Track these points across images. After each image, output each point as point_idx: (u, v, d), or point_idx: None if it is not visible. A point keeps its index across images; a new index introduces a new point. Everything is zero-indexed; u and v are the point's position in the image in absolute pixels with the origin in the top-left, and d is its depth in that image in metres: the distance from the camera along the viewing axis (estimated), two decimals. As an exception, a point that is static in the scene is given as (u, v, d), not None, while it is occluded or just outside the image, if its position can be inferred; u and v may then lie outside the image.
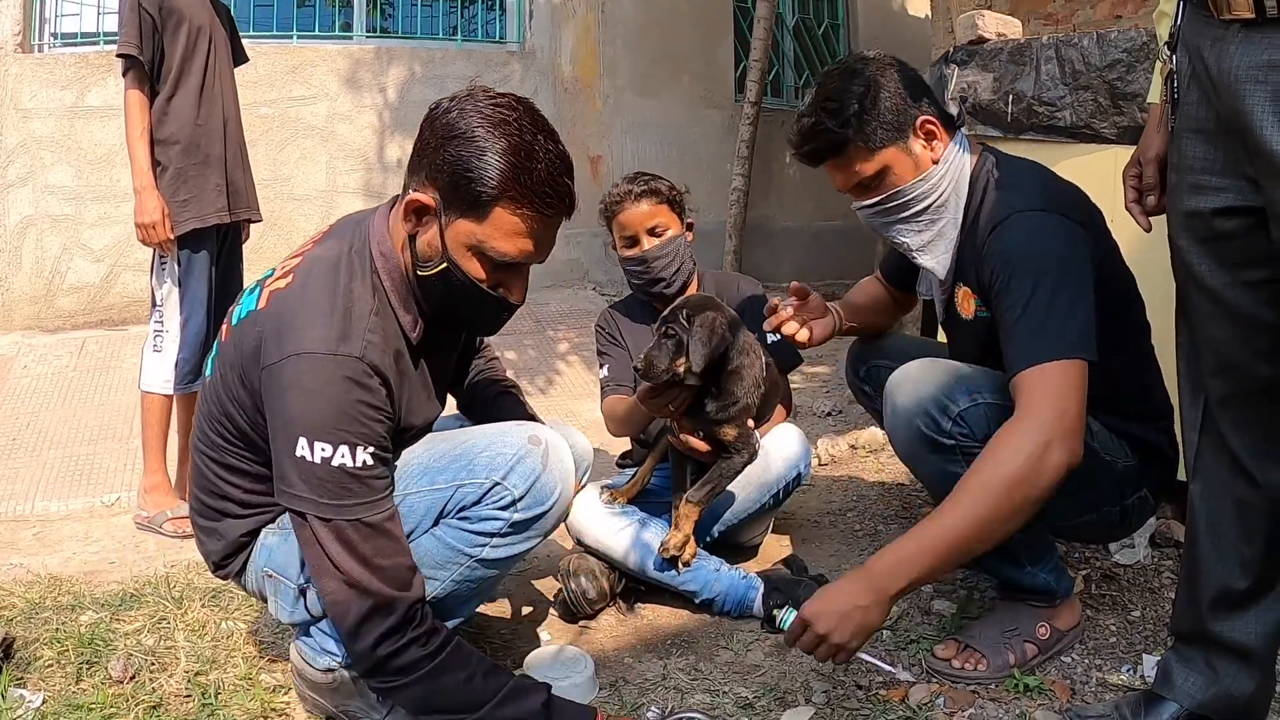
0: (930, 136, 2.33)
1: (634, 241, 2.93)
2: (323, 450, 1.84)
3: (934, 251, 2.40)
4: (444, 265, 1.95)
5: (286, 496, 1.90)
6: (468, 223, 1.90)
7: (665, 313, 2.54)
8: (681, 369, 2.48)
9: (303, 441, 1.85)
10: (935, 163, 2.33)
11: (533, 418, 2.51)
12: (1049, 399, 2.05)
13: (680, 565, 2.67)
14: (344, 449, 1.85)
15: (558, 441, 2.15)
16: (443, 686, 1.91)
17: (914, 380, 2.34)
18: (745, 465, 2.65)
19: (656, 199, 2.93)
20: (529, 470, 2.06)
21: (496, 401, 2.55)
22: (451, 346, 2.34)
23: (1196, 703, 1.96)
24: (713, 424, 2.59)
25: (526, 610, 2.85)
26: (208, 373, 2.17)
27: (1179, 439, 2.19)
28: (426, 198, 1.92)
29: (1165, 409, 2.44)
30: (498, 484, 2.05)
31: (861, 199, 2.39)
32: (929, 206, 2.35)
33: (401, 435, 2.11)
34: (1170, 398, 2.37)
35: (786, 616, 2.15)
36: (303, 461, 1.85)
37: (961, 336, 2.52)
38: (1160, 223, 1.97)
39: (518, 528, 2.09)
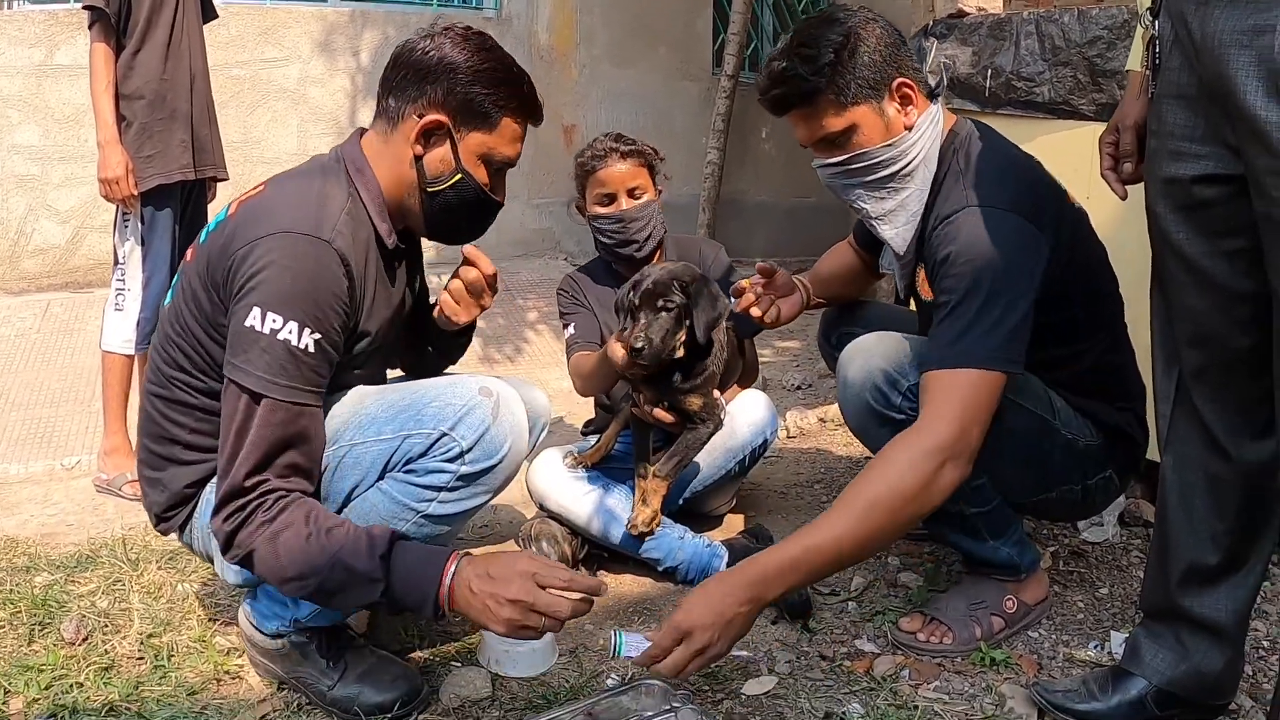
0: (906, 101, 2.23)
1: (611, 199, 2.88)
2: (273, 322, 1.89)
3: (894, 222, 2.30)
4: (458, 176, 2.11)
5: (229, 367, 1.92)
6: (480, 134, 2.11)
7: (649, 285, 2.46)
8: (681, 342, 2.46)
9: (256, 311, 1.89)
10: (908, 129, 2.23)
11: None
12: (953, 414, 1.99)
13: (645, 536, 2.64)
14: (293, 325, 1.89)
15: (510, 394, 2.12)
16: (283, 547, 1.86)
17: (865, 353, 2.30)
18: (711, 435, 2.63)
19: (640, 160, 2.90)
20: (478, 421, 2.03)
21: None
22: (414, 277, 2.38)
23: (1165, 679, 1.96)
24: (678, 394, 2.56)
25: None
26: (166, 302, 2.18)
27: (1150, 422, 2.17)
28: (442, 117, 2.07)
29: (1137, 390, 2.41)
30: (445, 434, 2.02)
31: (824, 156, 2.29)
32: (894, 174, 2.25)
33: (356, 342, 2.11)
34: (1143, 378, 2.35)
35: (619, 640, 2.00)
36: (250, 331, 1.89)
37: (924, 317, 2.45)
38: (1135, 193, 1.94)
39: (466, 481, 2.05)
